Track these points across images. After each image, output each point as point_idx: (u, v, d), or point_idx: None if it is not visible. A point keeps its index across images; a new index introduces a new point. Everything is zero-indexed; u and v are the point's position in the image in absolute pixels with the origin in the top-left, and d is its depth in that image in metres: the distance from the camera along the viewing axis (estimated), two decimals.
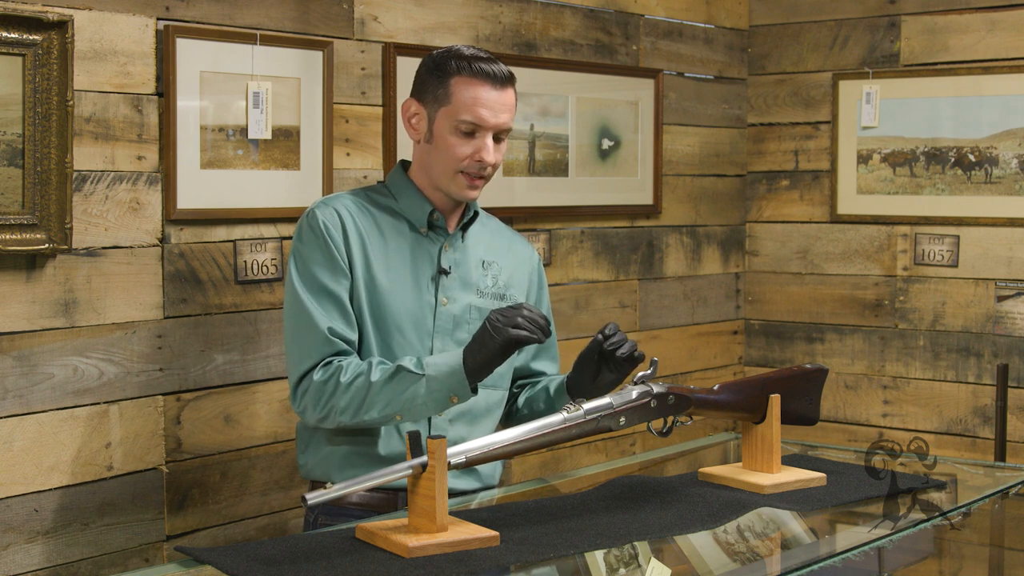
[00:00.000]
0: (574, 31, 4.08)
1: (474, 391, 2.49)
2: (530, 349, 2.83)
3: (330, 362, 2.56)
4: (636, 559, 2.22)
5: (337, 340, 2.56)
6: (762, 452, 2.62)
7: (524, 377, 2.85)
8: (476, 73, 2.59)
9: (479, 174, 2.62)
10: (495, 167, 2.64)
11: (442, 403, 2.50)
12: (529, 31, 3.93)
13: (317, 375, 2.55)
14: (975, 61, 4.31)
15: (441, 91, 2.61)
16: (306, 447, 2.68)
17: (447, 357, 2.50)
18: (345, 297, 2.59)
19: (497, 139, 2.63)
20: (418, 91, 2.67)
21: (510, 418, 2.84)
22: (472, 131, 2.59)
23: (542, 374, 2.86)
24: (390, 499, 2.59)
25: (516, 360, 2.80)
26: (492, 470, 2.75)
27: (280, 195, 3.25)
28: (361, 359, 2.59)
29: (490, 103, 2.59)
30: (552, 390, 2.75)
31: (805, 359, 4.68)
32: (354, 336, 2.59)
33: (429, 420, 2.64)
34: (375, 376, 2.51)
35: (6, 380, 2.78)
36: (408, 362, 2.52)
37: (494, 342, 2.44)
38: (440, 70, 2.62)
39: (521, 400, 2.83)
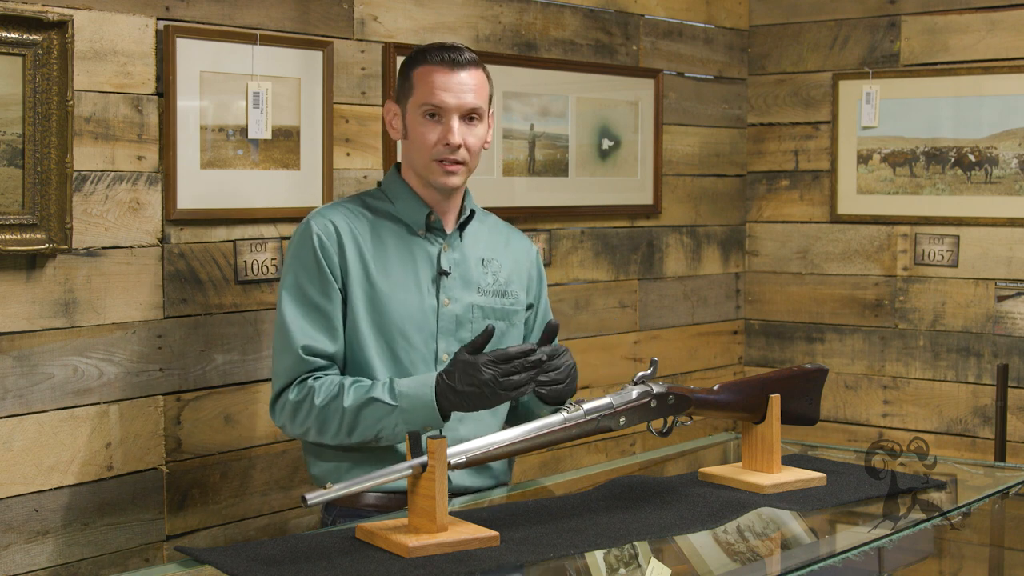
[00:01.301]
0: (574, 31, 4.08)
1: (446, 419, 2.51)
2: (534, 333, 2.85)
3: (304, 380, 2.58)
4: (636, 559, 2.22)
5: (311, 358, 2.59)
6: (762, 452, 2.62)
7: None
8: (432, 60, 2.65)
9: (452, 158, 2.64)
10: (471, 150, 2.67)
11: (417, 431, 2.51)
12: (529, 31, 3.93)
13: (292, 394, 2.59)
14: (975, 61, 4.31)
15: (407, 85, 2.69)
16: (316, 459, 2.68)
17: (419, 388, 2.50)
18: (332, 311, 2.61)
19: (470, 120, 2.66)
20: (395, 92, 2.76)
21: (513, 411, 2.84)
22: (436, 115, 2.64)
23: None
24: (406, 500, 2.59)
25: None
26: (504, 466, 2.75)
27: (280, 195, 3.25)
28: (362, 367, 2.61)
29: (448, 85, 2.63)
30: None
31: (805, 359, 4.68)
32: (334, 350, 2.61)
33: None
34: (348, 401, 2.53)
35: (6, 380, 2.78)
36: (380, 390, 2.53)
37: (485, 403, 2.45)
38: (405, 67, 2.71)
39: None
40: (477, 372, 2.42)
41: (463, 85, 2.64)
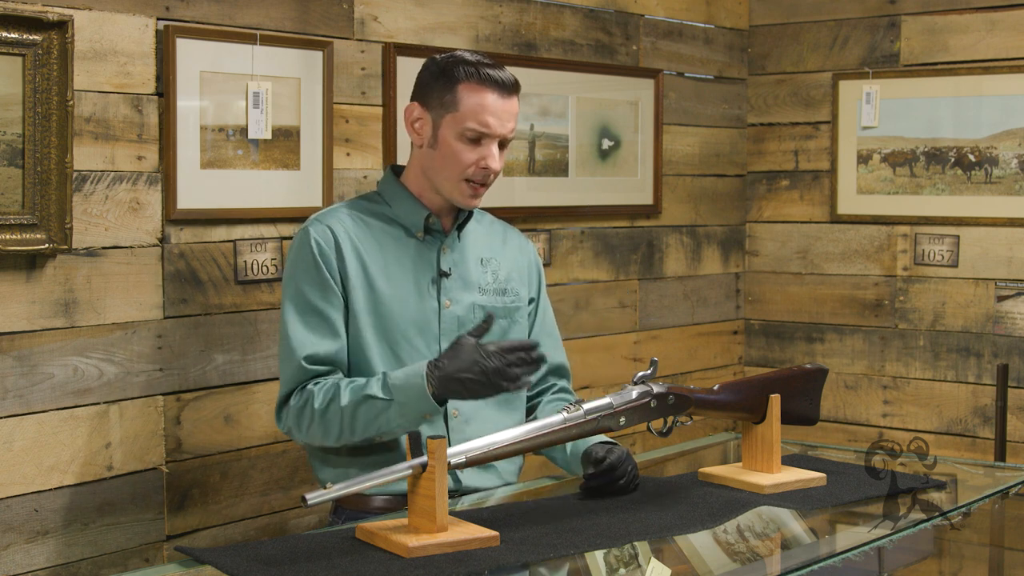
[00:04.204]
0: (574, 31, 4.08)
1: (443, 404, 2.49)
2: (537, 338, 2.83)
3: (304, 386, 2.57)
4: (636, 559, 2.22)
5: (312, 367, 2.57)
6: (762, 452, 2.62)
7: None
8: (484, 80, 2.58)
9: (483, 181, 2.62)
10: (497, 174, 2.65)
11: (416, 422, 2.49)
12: (529, 31, 3.93)
13: (293, 401, 2.58)
14: (975, 61, 4.31)
15: (448, 97, 2.59)
16: (323, 464, 2.67)
17: (411, 378, 2.46)
18: (334, 315, 2.59)
19: (501, 146, 2.63)
20: (422, 96, 2.65)
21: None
22: (478, 138, 2.59)
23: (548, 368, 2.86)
24: None
25: None
26: (512, 466, 2.74)
27: (280, 195, 3.25)
28: (365, 372, 2.60)
29: (497, 111, 2.58)
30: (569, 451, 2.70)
31: (805, 359, 4.68)
32: (336, 352, 2.59)
33: (446, 420, 2.63)
34: (344, 401, 2.51)
35: (6, 380, 2.78)
36: (375, 386, 2.50)
37: (484, 391, 2.41)
38: (446, 76, 2.60)
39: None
40: (483, 359, 2.40)
41: (510, 112, 2.60)
